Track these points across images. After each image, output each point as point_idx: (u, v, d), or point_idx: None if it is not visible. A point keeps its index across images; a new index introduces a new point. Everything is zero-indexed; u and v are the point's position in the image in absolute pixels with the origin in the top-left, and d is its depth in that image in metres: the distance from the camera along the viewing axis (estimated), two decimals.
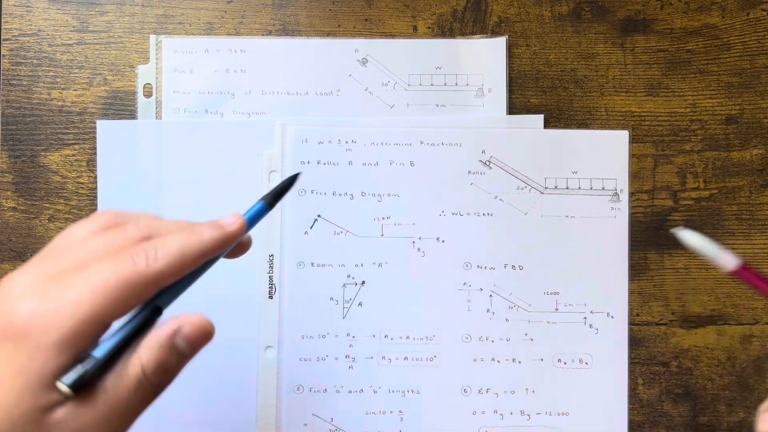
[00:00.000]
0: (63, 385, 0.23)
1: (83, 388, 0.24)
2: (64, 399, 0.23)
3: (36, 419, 0.23)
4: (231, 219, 0.30)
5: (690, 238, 0.33)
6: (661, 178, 0.45)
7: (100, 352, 0.25)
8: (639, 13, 0.46)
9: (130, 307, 0.26)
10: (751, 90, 0.45)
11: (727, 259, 0.33)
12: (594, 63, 0.45)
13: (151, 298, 0.28)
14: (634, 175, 0.45)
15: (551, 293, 0.44)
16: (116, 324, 0.26)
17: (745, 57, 0.45)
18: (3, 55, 0.45)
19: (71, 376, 0.23)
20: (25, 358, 0.22)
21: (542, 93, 0.45)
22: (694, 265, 0.45)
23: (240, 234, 0.30)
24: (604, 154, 0.45)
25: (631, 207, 0.45)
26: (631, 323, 0.45)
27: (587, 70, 0.45)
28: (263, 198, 0.33)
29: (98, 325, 0.24)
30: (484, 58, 0.45)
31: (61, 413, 0.23)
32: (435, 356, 0.44)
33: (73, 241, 0.27)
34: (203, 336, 0.29)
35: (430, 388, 0.44)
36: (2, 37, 0.45)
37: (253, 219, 0.32)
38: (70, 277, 0.24)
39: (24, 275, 0.25)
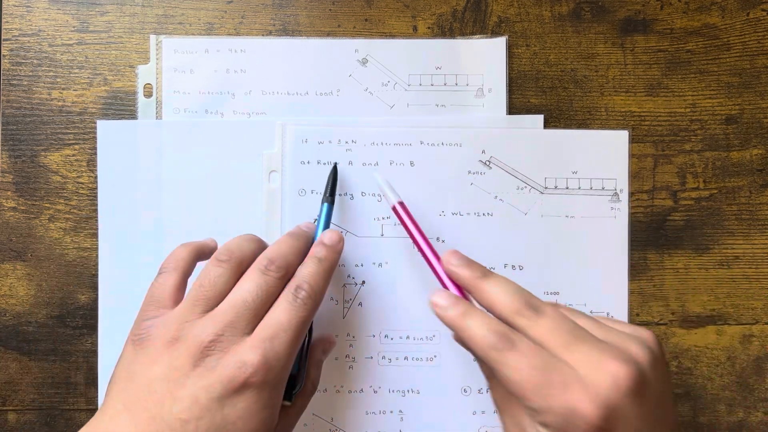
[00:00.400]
0: (287, 402, 0.36)
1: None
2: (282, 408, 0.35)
3: (275, 427, 0.34)
4: (330, 236, 0.38)
5: (379, 178, 0.42)
6: (661, 178, 0.45)
7: (294, 369, 0.36)
8: (639, 13, 0.46)
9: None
10: (751, 90, 0.45)
11: (391, 197, 0.41)
12: (594, 63, 0.45)
13: None
14: (634, 175, 0.45)
15: (551, 293, 0.44)
16: None
17: (745, 57, 0.45)
18: (3, 55, 0.45)
19: (290, 395, 0.36)
20: (267, 396, 0.32)
21: (542, 93, 0.45)
22: (694, 265, 0.45)
23: (342, 244, 0.38)
24: (604, 154, 0.45)
25: (631, 207, 0.45)
26: (631, 323, 0.44)
27: (587, 70, 0.45)
28: (324, 200, 0.41)
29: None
30: (484, 58, 0.45)
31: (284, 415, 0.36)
32: (435, 356, 0.44)
33: (214, 287, 0.34)
34: (333, 347, 0.42)
35: (430, 388, 0.44)
36: (2, 37, 0.45)
37: (329, 221, 0.41)
38: (268, 330, 0.33)
39: (183, 324, 0.33)
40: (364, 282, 0.44)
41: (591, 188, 0.45)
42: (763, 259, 0.45)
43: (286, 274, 0.35)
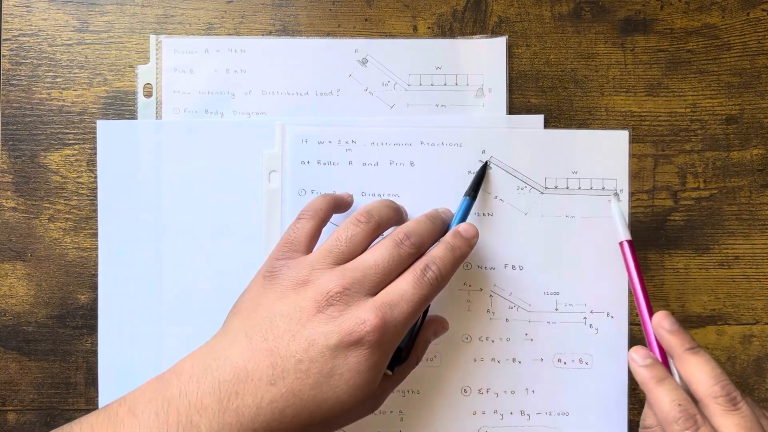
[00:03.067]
0: (389, 371, 0.36)
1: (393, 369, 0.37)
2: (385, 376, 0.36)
3: (374, 391, 0.34)
4: (467, 228, 0.39)
5: (615, 207, 0.44)
6: (661, 178, 0.45)
7: (402, 342, 0.37)
8: (639, 13, 0.46)
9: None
10: (751, 90, 0.45)
11: (621, 233, 0.43)
12: (594, 63, 0.45)
13: None
14: (634, 175, 0.45)
15: (551, 293, 0.44)
16: None
17: (745, 57, 0.45)
18: (3, 55, 0.45)
19: (393, 367, 0.36)
20: (377, 358, 0.33)
21: (542, 93, 0.45)
22: (694, 265, 0.45)
23: (477, 239, 0.39)
24: (604, 154, 0.45)
25: (631, 207, 0.45)
26: (631, 323, 0.45)
27: (587, 70, 0.45)
28: (466, 194, 0.42)
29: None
30: (484, 58, 0.45)
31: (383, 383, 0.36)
32: (435, 356, 0.44)
33: (351, 243, 0.36)
34: (444, 332, 0.41)
35: (430, 388, 0.44)
36: (2, 37, 0.45)
37: (467, 214, 0.42)
38: (391, 297, 0.34)
39: (314, 270, 0.35)
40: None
41: (591, 188, 0.45)
42: (763, 259, 0.45)
43: (418, 252, 0.36)
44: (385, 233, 0.39)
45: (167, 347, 0.44)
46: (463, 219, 0.41)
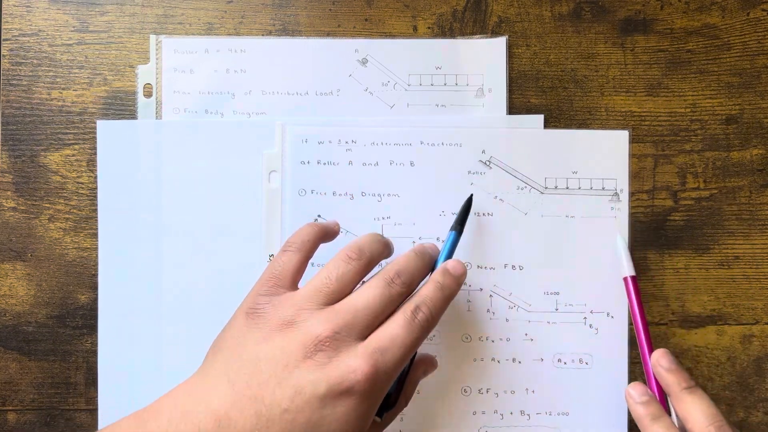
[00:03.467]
0: (378, 418, 0.36)
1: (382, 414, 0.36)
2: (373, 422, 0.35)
3: None
4: (455, 265, 0.37)
5: (621, 244, 0.44)
6: (661, 178, 0.45)
7: (392, 388, 0.36)
8: (639, 13, 0.46)
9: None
10: (751, 90, 0.45)
11: (626, 269, 0.43)
12: (594, 63, 0.45)
13: None
14: (634, 175, 0.45)
15: (551, 293, 0.44)
16: None
17: (745, 57, 0.45)
18: (3, 55, 0.45)
19: (381, 413, 0.36)
20: (366, 407, 0.32)
21: (542, 93, 0.45)
22: (694, 265, 0.45)
23: (465, 277, 0.38)
24: (604, 154, 0.45)
25: (631, 207, 0.45)
26: (630, 323, 0.44)
27: (587, 70, 0.45)
28: (452, 228, 0.40)
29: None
30: (484, 58, 0.45)
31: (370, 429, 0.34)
32: (435, 356, 0.44)
33: (341, 282, 0.34)
34: (434, 370, 0.41)
35: (430, 388, 0.44)
36: (2, 37, 0.45)
37: (453, 249, 0.40)
38: (382, 341, 0.32)
39: (302, 310, 0.33)
40: (364, 282, 0.44)
41: (591, 188, 0.45)
42: (763, 259, 0.45)
43: (408, 291, 0.35)
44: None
45: (167, 347, 0.44)
46: (450, 254, 0.39)
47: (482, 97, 0.45)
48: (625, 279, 0.43)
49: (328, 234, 0.39)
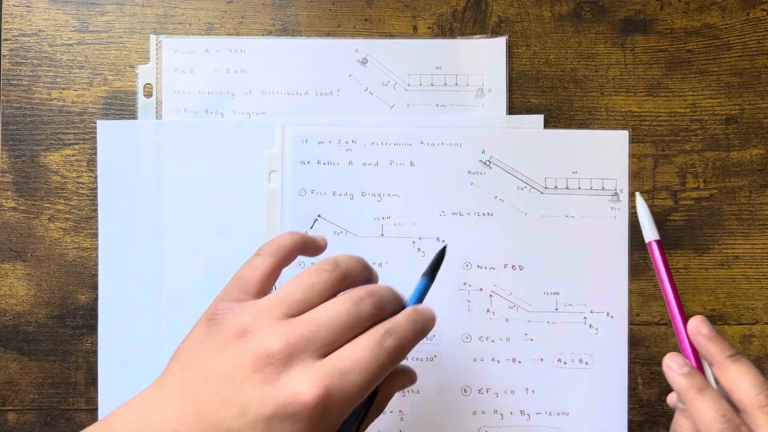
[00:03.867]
0: None
1: None
2: None
3: None
4: (426, 309, 0.33)
5: (641, 205, 0.41)
6: (661, 178, 0.45)
7: (347, 426, 0.31)
8: (639, 13, 0.46)
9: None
10: (751, 90, 0.45)
11: (649, 233, 0.40)
12: (594, 63, 0.45)
13: None
14: (634, 175, 0.45)
15: (551, 293, 0.44)
16: None
17: (745, 57, 0.45)
18: (3, 55, 0.45)
19: None
20: None
21: (542, 93, 0.45)
22: (694, 265, 0.45)
23: (434, 324, 0.33)
24: (604, 154, 0.45)
25: (631, 207, 0.45)
26: (631, 323, 0.45)
27: (587, 70, 0.45)
28: (424, 275, 0.36)
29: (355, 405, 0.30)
30: (484, 58, 0.45)
31: None
32: (435, 356, 0.44)
33: (309, 292, 0.31)
34: (412, 384, 0.37)
35: (430, 388, 0.44)
36: (2, 37, 0.45)
37: (423, 296, 0.36)
38: (342, 363, 0.29)
39: (259, 319, 0.30)
40: None
41: (591, 188, 0.45)
42: (763, 259, 0.45)
43: (378, 315, 0.31)
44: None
45: (167, 347, 0.44)
46: (420, 300, 0.36)
47: (482, 97, 0.45)
48: (649, 244, 0.40)
49: (309, 246, 0.35)
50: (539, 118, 0.45)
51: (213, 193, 0.44)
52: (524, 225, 0.44)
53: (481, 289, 0.44)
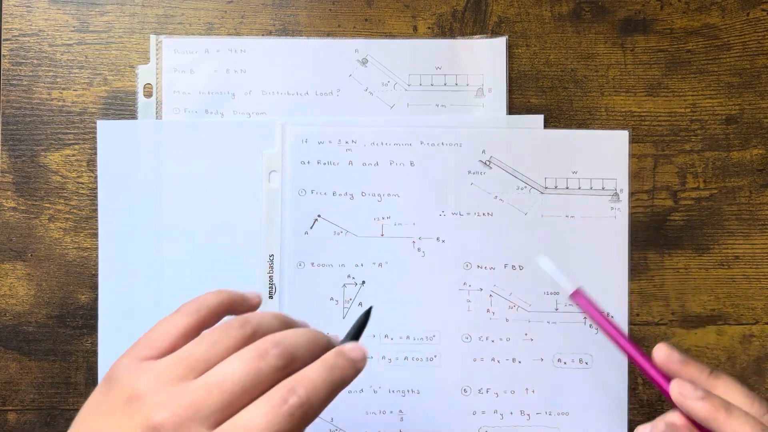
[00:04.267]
0: None
1: None
2: None
3: None
4: (355, 347, 0.30)
5: (543, 263, 0.39)
6: (661, 178, 0.45)
7: None
8: (639, 13, 0.46)
9: None
10: (751, 90, 0.45)
11: (568, 286, 0.38)
12: (594, 63, 0.45)
13: None
14: (634, 175, 0.45)
15: (551, 293, 0.44)
16: None
17: (745, 57, 0.45)
18: (3, 55, 0.45)
19: None
20: None
21: (542, 93, 0.45)
22: (694, 265, 0.45)
23: (365, 364, 0.30)
24: (604, 154, 0.45)
25: (631, 207, 0.45)
26: (631, 323, 0.45)
27: (587, 70, 0.45)
28: (344, 340, 0.32)
29: None
30: (484, 58, 0.45)
31: None
32: (435, 356, 0.44)
33: (209, 351, 0.28)
34: None
35: (430, 388, 0.44)
36: (2, 37, 0.45)
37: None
38: (221, 412, 0.26)
39: (154, 382, 0.27)
40: (364, 282, 0.44)
41: (591, 188, 0.45)
42: (763, 259, 0.45)
43: (287, 368, 0.28)
44: None
45: None
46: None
47: (482, 97, 0.45)
48: (573, 296, 0.39)
49: (238, 304, 0.32)
50: (539, 118, 0.45)
51: (213, 193, 0.44)
52: (524, 225, 0.44)
53: (481, 289, 0.44)
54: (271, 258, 0.44)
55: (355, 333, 0.33)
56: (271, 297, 0.44)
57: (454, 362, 0.44)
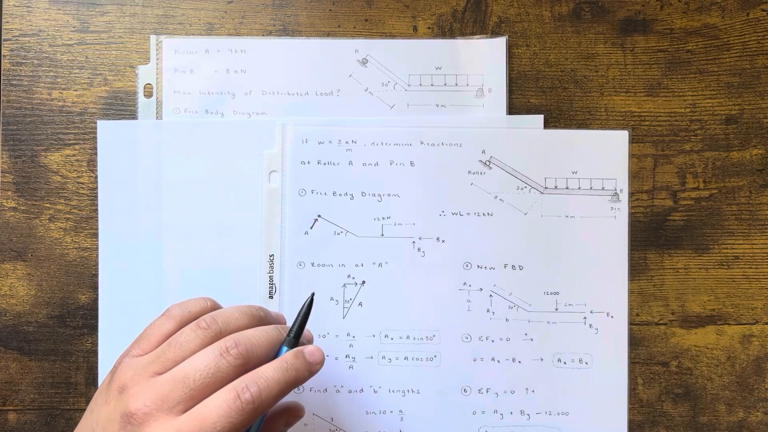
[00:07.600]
0: None
1: None
2: None
3: None
4: (313, 351, 0.34)
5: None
6: (661, 178, 0.45)
7: None
8: (639, 13, 0.46)
9: None
10: (751, 90, 0.45)
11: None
12: (594, 63, 0.45)
13: None
14: (634, 175, 0.45)
15: (551, 293, 0.44)
16: None
17: (745, 57, 0.45)
18: (3, 55, 0.45)
19: None
20: None
21: (542, 93, 0.45)
22: (694, 265, 0.45)
23: (321, 366, 0.34)
24: (604, 154, 0.45)
25: (631, 207, 0.45)
26: (631, 323, 0.45)
27: (587, 70, 0.45)
28: (284, 344, 0.34)
29: None
30: (484, 58, 0.45)
31: None
32: (435, 356, 0.44)
33: (180, 349, 0.32)
34: (298, 420, 0.38)
35: (430, 388, 0.44)
36: (3, 37, 0.45)
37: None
38: (193, 422, 0.29)
39: (136, 376, 0.31)
40: (364, 282, 0.44)
41: (591, 188, 0.45)
42: (763, 259, 0.45)
43: (246, 364, 0.31)
44: None
45: None
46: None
47: (482, 97, 0.45)
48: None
49: None
50: (539, 118, 0.45)
51: (213, 193, 0.44)
52: (524, 225, 0.44)
53: (481, 289, 0.44)
54: (271, 258, 0.44)
55: (302, 321, 0.35)
56: (271, 297, 0.44)
57: (454, 362, 0.44)
